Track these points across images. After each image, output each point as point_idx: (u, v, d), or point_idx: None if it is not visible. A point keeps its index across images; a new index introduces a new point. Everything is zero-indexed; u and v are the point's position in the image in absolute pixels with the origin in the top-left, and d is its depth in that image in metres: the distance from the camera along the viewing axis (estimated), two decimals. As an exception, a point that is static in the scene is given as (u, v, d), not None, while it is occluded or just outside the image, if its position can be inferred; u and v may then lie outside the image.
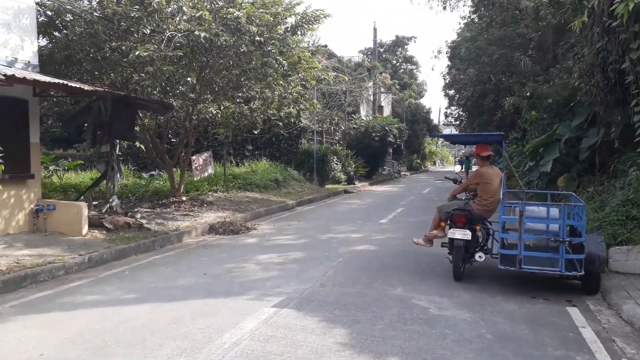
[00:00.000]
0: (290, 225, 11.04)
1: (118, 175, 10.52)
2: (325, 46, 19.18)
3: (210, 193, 13.71)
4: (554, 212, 6.73)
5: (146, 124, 12.04)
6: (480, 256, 6.04)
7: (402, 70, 61.01)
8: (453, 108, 50.81)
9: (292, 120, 15.78)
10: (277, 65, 9.71)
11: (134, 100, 9.37)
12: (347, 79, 20.78)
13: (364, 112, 32.01)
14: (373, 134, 26.65)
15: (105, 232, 8.69)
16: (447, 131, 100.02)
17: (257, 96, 9.49)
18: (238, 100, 9.44)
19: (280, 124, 19.77)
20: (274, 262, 7.14)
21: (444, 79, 48.93)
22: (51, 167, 15.55)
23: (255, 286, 5.85)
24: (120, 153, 16.67)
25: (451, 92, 49.37)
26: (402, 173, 39.22)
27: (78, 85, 7.77)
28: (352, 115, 29.07)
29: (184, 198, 12.17)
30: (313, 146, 20.20)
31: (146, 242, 8.26)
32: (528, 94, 18.38)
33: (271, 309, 4.95)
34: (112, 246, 7.71)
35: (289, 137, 20.49)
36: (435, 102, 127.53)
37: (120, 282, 6.12)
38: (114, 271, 6.73)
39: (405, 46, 61.12)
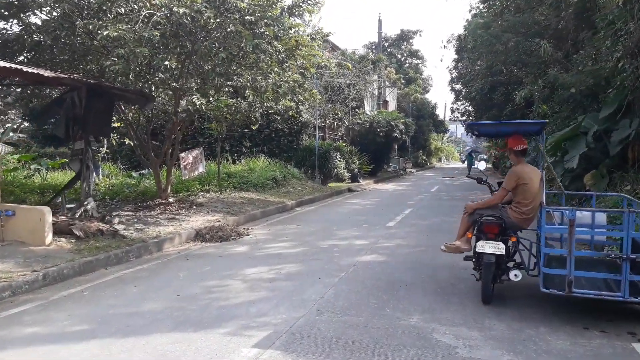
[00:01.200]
0: (287, 229, 9.90)
1: (94, 174, 9.41)
2: (328, 35, 17.93)
3: (201, 194, 12.59)
4: (601, 218, 5.58)
5: (130, 118, 10.93)
6: (516, 274, 4.86)
7: (407, 64, 59.67)
8: (459, 103, 49.60)
9: (291, 114, 14.61)
10: (271, 50, 8.56)
11: (108, 89, 8.25)
12: (350, 66, 19.60)
13: (368, 107, 30.81)
14: (378, 130, 25.46)
15: (74, 240, 7.57)
16: (452, 127, 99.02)
17: (249, 85, 8.33)
18: (227, 89, 8.30)
19: (278, 117, 18.66)
20: (264, 279, 6.00)
21: (450, 73, 47.54)
22: (33, 166, 14.50)
23: (236, 314, 4.71)
24: (107, 150, 15.72)
25: (458, 86, 48.15)
26: (408, 170, 38.02)
27: (35, 71, 6.65)
28: (356, 110, 27.88)
29: (171, 199, 11.05)
30: (315, 142, 19.04)
31: (119, 252, 7.15)
32: (545, 84, 17.21)
33: (251, 351, 3.82)
34: (77, 258, 6.59)
35: (290, 133, 19.34)
36: (441, 98, 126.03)
37: (74, 307, 5.01)
38: (72, 291, 5.62)
39: (411, 40, 59.76)
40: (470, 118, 46.55)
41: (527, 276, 5.18)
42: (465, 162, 42.98)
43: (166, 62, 7.27)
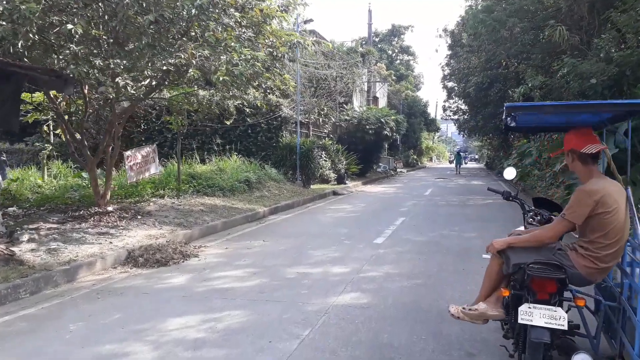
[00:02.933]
0: (250, 247, 7.91)
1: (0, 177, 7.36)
2: (310, 21, 16.29)
3: (154, 200, 10.55)
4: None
5: (61, 107, 8.87)
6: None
7: (398, 61, 57.90)
8: (452, 101, 47.88)
9: (260, 104, 12.67)
10: (226, 20, 6.57)
11: (5, 67, 6.20)
12: (331, 46, 17.63)
13: (357, 102, 28.89)
14: (367, 127, 23.54)
15: (-54, 269, 5.56)
16: (443, 127, 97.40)
17: (193, 62, 6.33)
18: (165, 68, 6.31)
19: (248, 110, 16.66)
20: (186, 341, 4.01)
21: (443, 70, 45.75)
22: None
23: None
24: (51, 147, 13.61)
25: (450, 84, 46.42)
26: (399, 170, 36.19)
27: None
28: (344, 105, 25.95)
29: (110, 208, 9.01)
30: (296, 140, 17.06)
31: (3, 288, 5.13)
32: (544, 81, 15.36)
33: None
34: None
35: (268, 129, 17.33)
36: (432, 97, 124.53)
37: None
38: None
39: (402, 36, 57.96)
40: (465, 116, 44.93)
41: None
42: (454, 162, 41.21)
43: (69, 26, 5.24)
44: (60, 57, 6.19)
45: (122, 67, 6.25)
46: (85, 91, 8.19)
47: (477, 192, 18.65)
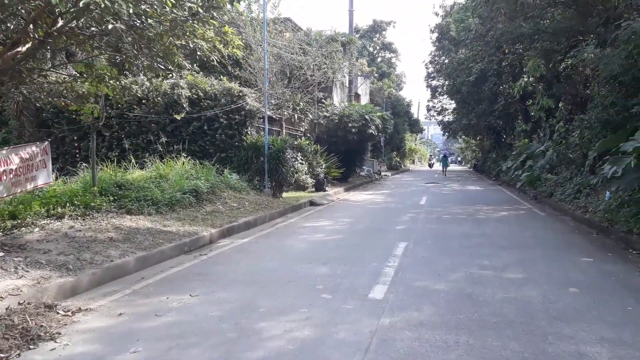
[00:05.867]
0: (160, 313, 4.66)
1: None
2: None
3: (45, 223, 7.18)
4: None
5: None
6: None
7: (380, 58, 55.08)
8: (436, 100, 45.30)
9: (189, 77, 9.41)
10: None
11: None
12: (308, 30, 14.52)
13: (337, 98, 25.79)
14: (349, 125, 20.39)
15: None
16: (432, 129, 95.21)
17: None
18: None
19: (206, 102, 13.45)
20: None
21: (427, 67, 43.12)
22: None
23: None
24: None
25: (434, 82, 43.77)
26: (383, 174, 33.22)
27: None
28: (323, 101, 22.80)
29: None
30: (264, 138, 13.81)
31: None
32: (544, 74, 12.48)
33: None
34: None
35: (229, 125, 14.04)
36: (415, 97, 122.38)
37: None
38: None
39: (384, 32, 55.15)
40: (450, 116, 42.24)
41: None
42: (440, 165, 39.70)
43: None
44: None
45: None
46: None
47: (481, 201, 15.66)
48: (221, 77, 15.00)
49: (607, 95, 11.28)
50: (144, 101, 14.15)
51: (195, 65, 18.26)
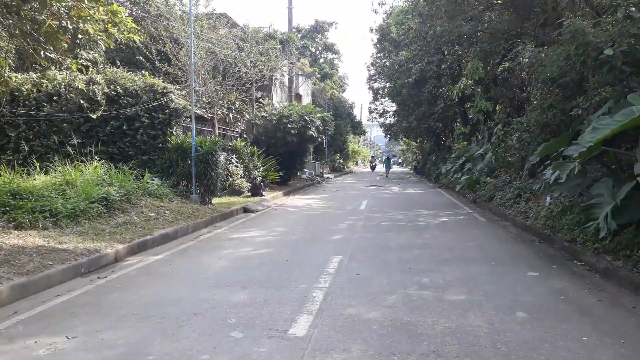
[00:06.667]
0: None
1: None
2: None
3: None
4: None
5: None
6: None
7: (322, 59, 54.61)
8: (378, 103, 45.41)
9: (71, 64, 8.27)
10: None
11: None
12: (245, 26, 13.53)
13: (277, 98, 24.86)
14: (289, 126, 19.53)
15: None
16: (374, 131, 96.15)
17: None
18: None
19: (126, 99, 12.19)
20: None
21: (369, 70, 43.06)
22: None
23: None
24: None
25: (376, 84, 43.79)
26: (326, 176, 32.61)
27: None
28: (261, 100, 21.80)
29: None
30: (191, 139, 12.66)
31: None
32: (526, 59, 12.30)
33: None
34: None
35: (152, 125, 12.78)
36: (357, 99, 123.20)
37: None
38: None
39: (326, 32, 54.71)
40: (392, 119, 42.34)
41: None
42: (383, 167, 40.35)
43: None
44: None
45: None
46: None
47: (422, 205, 15.25)
48: (143, 72, 13.70)
49: (545, 98, 11.06)
50: (55, 98, 12.64)
51: (117, 59, 16.90)
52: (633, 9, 7.02)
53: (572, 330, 4.29)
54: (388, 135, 47.52)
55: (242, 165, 16.88)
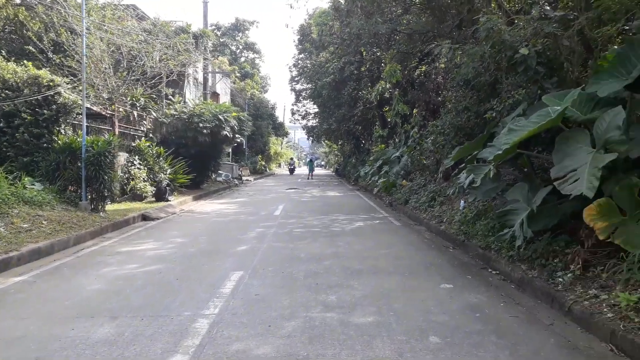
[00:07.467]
0: None
1: None
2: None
3: None
4: None
5: None
6: None
7: (243, 58, 53.24)
8: (300, 104, 44.93)
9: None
10: None
11: None
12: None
13: (190, 95, 23.44)
14: (201, 125, 18.31)
15: None
16: (299, 133, 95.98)
17: None
18: None
19: (4, 93, 10.61)
20: None
21: (290, 71, 42.43)
22: None
23: None
24: None
25: (298, 86, 43.27)
26: (245, 178, 31.49)
27: None
28: (171, 98, 20.36)
29: None
30: (82, 138, 11.20)
31: None
32: (442, 64, 12.13)
33: None
34: None
35: (35, 122, 11.17)
36: (280, 101, 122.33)
37: None
38: None
39: (247, 31, 53.43)
40: (314, 120, 42.00)
41: None
42: (307, 169, 40.15)
43: None
44: None
45: None
46: None
47: (339, 209, 14.75)
48: (24, 62, 12.02)
49: (460, 100, 10.90)
50: None
51: (2, 49, 14.86)
52: (548, 7, 6.83)
53: (489, 358, 3.76)
54: (310, 138, 47.24)
55: (147, 168, 15.50)
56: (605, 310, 4.20)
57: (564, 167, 5.31)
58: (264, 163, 47.96)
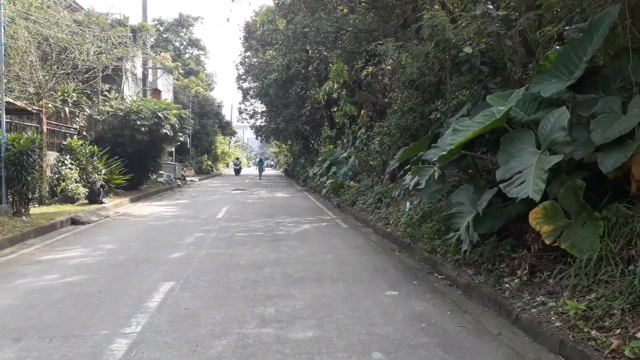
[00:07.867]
0: None
1: None
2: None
3: None
4: None
5: None
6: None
7: (187, 55, 51.70)
8: (248, 103, 44.13)
9: None
10: None
11: None
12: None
13: (129, 92, 22.30)
14: (139, 123, 17.37)
15: None
16: (240, 132, 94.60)
17: None
18: None
19: None
20: None
21: (237, 69, 41.57)
22: None
23: None
24: None
25: (245, 84, 42.46)
26: (189, 179, 30.44)
27: None
28: (107, 94, 19.25)
29: None
30: (2, 136, 10.22)
31: None
32: (388, 66, 11.98)
33: None
34: None
35: (-56, 117, 10.06)
36: (227, 100, 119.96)
37: None
38: None
39: (191, 27, 51.90)
40: (262, 120, 41.33)
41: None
42: (257, 169, 39.87)
43: None
44: None
45: None
46: None
47: (286, 211, 14.35)
48: None
49: (405, 100, 10.79)
50: None
51: None
52: (491, 6, 6.74)
53: (436, 376, 3.49)
54: (259, 137, 46.47)
55: (79, 168, 14.49)
56: (553, 318, 4.04)
57: (509, 168, 5.17)
58: (210, 163, 46.73)
